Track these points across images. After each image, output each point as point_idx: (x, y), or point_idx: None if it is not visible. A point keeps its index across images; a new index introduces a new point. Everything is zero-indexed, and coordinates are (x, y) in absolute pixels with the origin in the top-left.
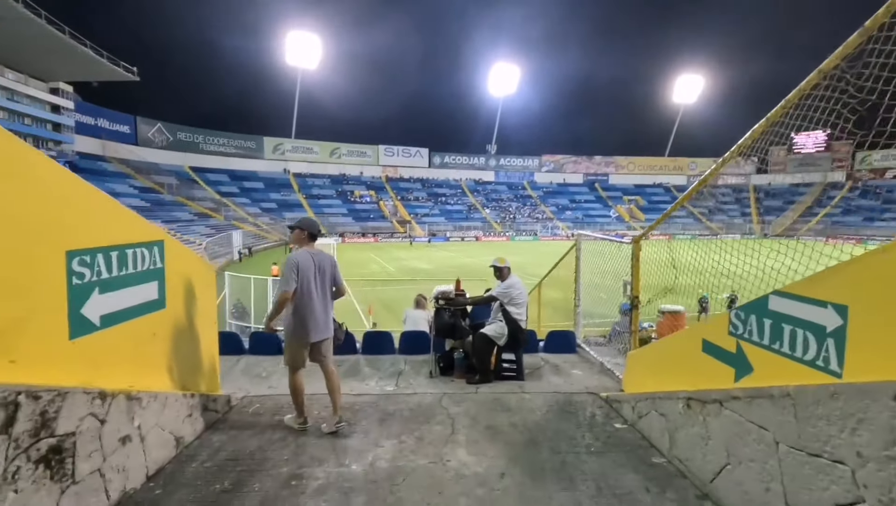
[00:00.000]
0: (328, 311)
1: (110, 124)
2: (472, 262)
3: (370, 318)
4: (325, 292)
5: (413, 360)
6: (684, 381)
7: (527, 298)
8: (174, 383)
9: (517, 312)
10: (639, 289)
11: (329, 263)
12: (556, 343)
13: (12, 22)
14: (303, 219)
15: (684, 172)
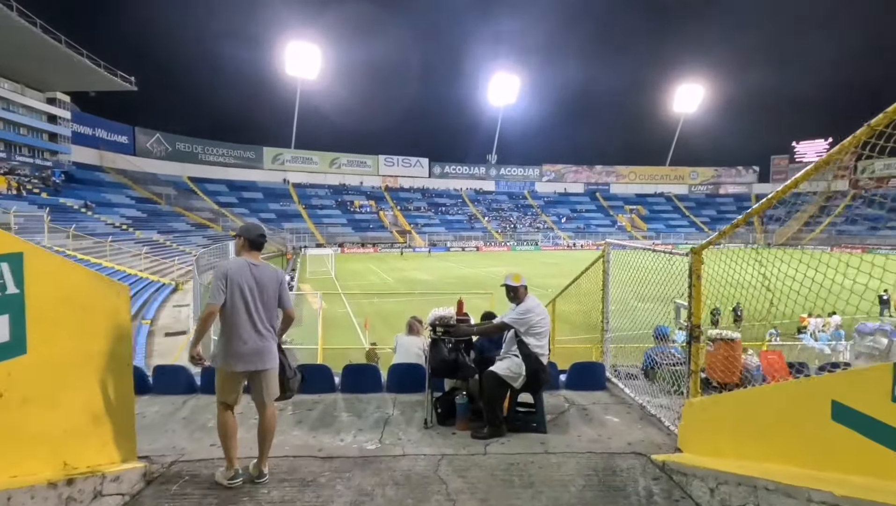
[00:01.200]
0: (267, 338)
1: (108, 134)
2: (474, 272)
3: (366, 333)
4: (264, 315)
5: (404, 401)
6: (802, 459)
7: (549, 325)
8: (39, 466)
9: (537, 345)
10: (700, 315)
11: (273, 280)
12: (582, 377)
13: (7, 31)
14: (243, 224)
15: (685, 181)
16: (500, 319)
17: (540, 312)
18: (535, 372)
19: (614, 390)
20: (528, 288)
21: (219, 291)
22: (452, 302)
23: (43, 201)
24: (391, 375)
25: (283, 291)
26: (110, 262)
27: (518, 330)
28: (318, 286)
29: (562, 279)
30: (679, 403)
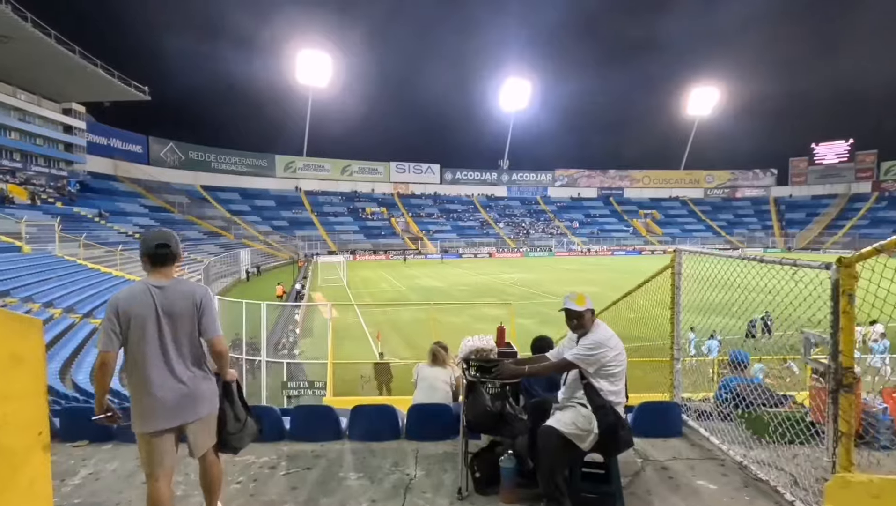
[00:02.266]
0: (193, 380)
1: (123, 144)
2: (487, 279)
3: (378, 344)
4: (183, 350)
5: (430, 454)
6: None
7: (626, 362)
8: None
9: (612, 391)
10: (851, 352)
11: (187, 302)
12: (652, 420)
13: (22, 42)
14: (143, 235)
15: (701, 184)
16: (562, 356)
17: (615, 345)
18: (612, 429)
19: (694, 438)
20: (595, 313)
21: (109, 334)
22: (473, 315)
23: (57, 211)
24: (412, 418)
25: (205, 314)
26: (120, 271)
27: (585, 371)
28: (331, 294)
29: (579, 286)
30: (790, 456)
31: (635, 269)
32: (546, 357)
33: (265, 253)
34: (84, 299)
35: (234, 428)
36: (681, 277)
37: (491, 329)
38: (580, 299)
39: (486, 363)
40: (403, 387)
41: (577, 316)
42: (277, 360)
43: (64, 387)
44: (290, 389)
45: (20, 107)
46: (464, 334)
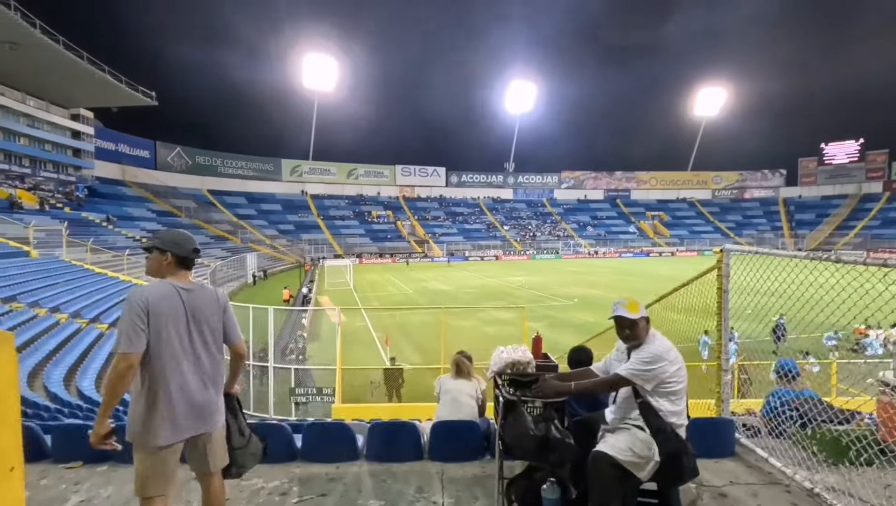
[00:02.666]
0: (213, 387)
1: (130, 149)
2: (495, 282)
3: (387, 349)
4: (207, 359)
5: (456, 477)
6: None
7: (686, 377)
8: None
9: (672, 411)
10: None
11: (215, 306)
12: (700, 438)
13: (31, 48)
14: (164, 233)
15: (708, 186)
16: (612, 370)
17: (674, 358)
18: (675, 456)
19: (749, 459)
20: (650, 321)
21: (137, 332)
22: (482, 319)
23: (65, 216)
24: (435, 436)
25: (229, 320)
26: (127, 275)
27: (641, 388)
28: (337, 298)
29: (585, 288)
30: (869, 482)
31: (644, 271)
32: (591, 372)
33: (272, 257)
34: (90, 304)
35: (238, 442)
36: (728, 280)
37: (502, 333)
38: (633, 306)
39: (522, 378)
40: (414, 393)
41: (629, 325)
42: (285, 365)
43: (68, 395)
44: (298, 395)
45: (29, 113)
46: (474, 338)
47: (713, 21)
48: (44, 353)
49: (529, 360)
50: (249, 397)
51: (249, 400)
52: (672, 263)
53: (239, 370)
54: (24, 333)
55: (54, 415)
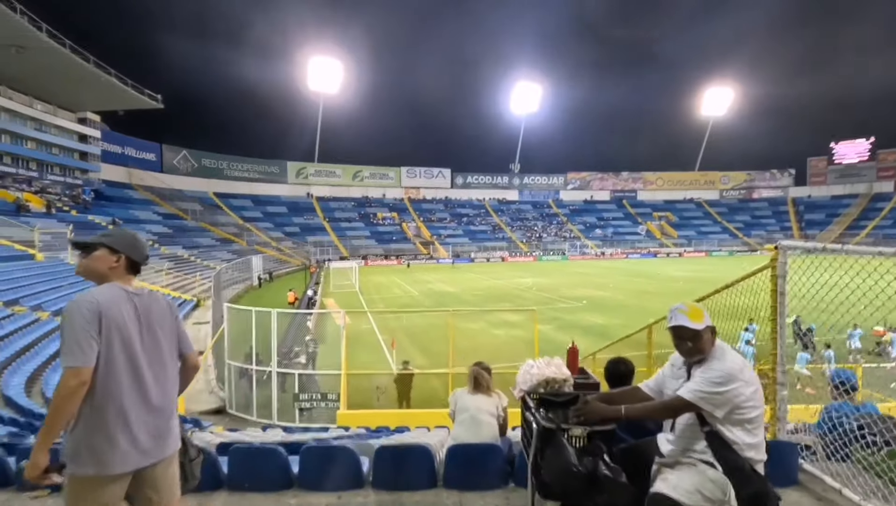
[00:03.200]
0: (171, 405)
1: (137, 152)
2: (501, 284)
3: (393, 352)
4: (163, 368)
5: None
6: None
7: (763, 401)
8: None
9: (750, 443)
10: None
11: (167, 313)
12: None
13: (37, 52)
14: (116, 232)
15: (716, 186)
16: (671, 391)
17: (749, 378)
18: (757, 501)
19: (817, 488)
20: (716, 331)
21: (89, 342)
22: (491, 321)
23: (72, 219)
24: (452, 460)
25: (182, 330)
26: None
27: (709, 415)
28: (343, 300)
29: (594, 290)
30: None
31: (653, 272)
32: (640, 392)
33: (277, 259)
34: None
35: (193, 453)
36: (785, 282)
37: (511, 336)
38: (696, 313)
39: (554, 397)
40: (421, 397)
41: (692, 337)
42: (288, 371)
43: None
44: (302, 401)
45: (36, 116)
46: (481, 341)
47: (721, 20)
48: (44, 357)
49: (566, 377)
50: (253, 403)
51: (253, 406)
52: (680, 264)
53: (188, 384)
54: (25, 336)
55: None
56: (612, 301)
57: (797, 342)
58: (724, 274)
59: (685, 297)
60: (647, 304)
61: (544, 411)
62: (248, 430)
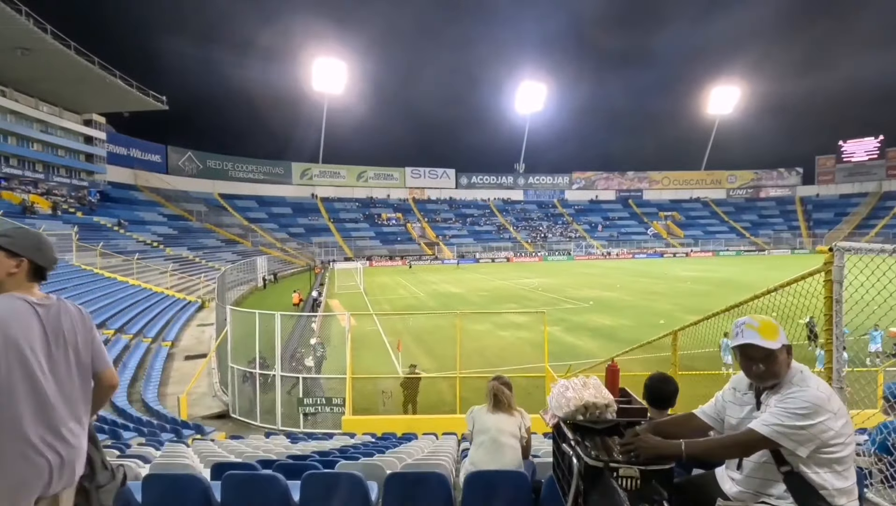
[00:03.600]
0: (75, 429)
1: (142, 154)
2: (506, 284)
3: (399, 355)
4: (73, 389)
5: None
6: None
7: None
8: None
9: (841, 487)
10: None
11: (80, 326)
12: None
13: (43, 54)
14: (16, 232)
15: (723, 185)
16: (729, 418)
17: (838, 407)
18: None
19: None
20: (791, 351)
21: None
22: (497, 322)
23: (77, 220)
24: (470, 489)
25: (97, 341)
26: (137, 280)
27: (789, 453)
28: (348, 302)
29: (600, 291)
30: None
31: (660, 273)
32: (696, 420)
33: (282, 260)
34: (98, 310)
35: (104, 478)
36: (842, 288)
37: (518, 337)
38: (769, 329)
39: (593, 425)
40: (427, 401)
41: (764, 357)
42: (292, 374)
43: None
44: (307, 405)
45: (42, 119)
46: (487, 343)
47: (727, 18)
48: None
49: (608, 401)
50: (256, 408)
51: (256, 411)
52: (687, 264)
53: (103, 404)
54: None
55: None
56: (620, 302)
57: (811, 344)
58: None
59: (694, 298)
60: (655, 304)
61: (587, 444)
62: (251, 437)
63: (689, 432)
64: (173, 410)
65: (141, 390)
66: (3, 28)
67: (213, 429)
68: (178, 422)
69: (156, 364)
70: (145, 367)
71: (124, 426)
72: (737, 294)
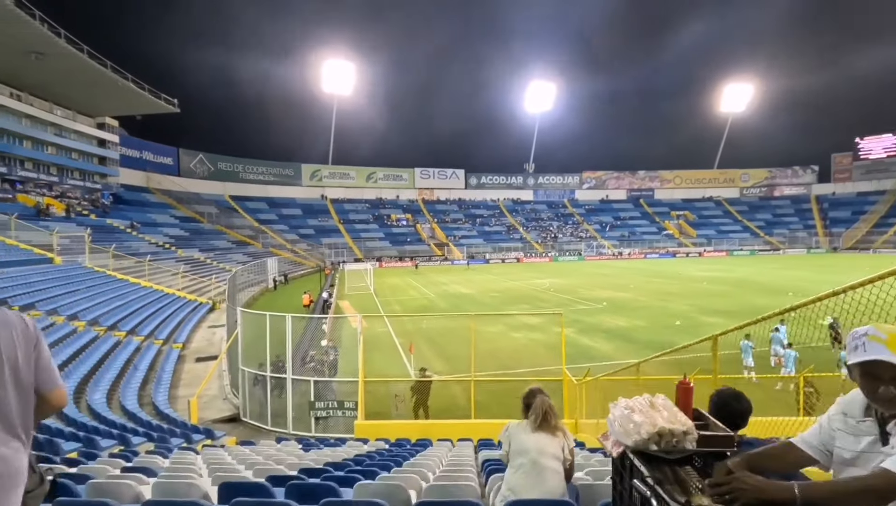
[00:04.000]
0: (14, 452)
1: (154, 156)
2: (517, 285)
3: (411, 357)
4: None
5: None
6: None
7: None
8: None
9: None
10: None
11: (21, 339)
12: None
13: (56, 58)
14: None
15: (736, 183)
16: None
17: None
18: None
19: None
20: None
21: None
22: (509, 324)
23: (91, 223)
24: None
25: (43, 356)
26: (148, 281)
27: None
28: (358, 303)
29: (613, 291)
30: None
31: (673, 273)
32: (794, 450)
33: (292, 261)
34: (109, 311)
35: (32, 484)
36: None
37: (531, 339)
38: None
39: (666, 454)
40: (439, 405)
41: (870, 371)
42: (304, 377)
43: (78, 411)
44: (318, 409)
45: (56, 122)
46: (500, 344)
47: (740, 13)
48: (56, 364)
49: (687, 428)
50: (267, 411)
51: (267, 414)
52: (701, 264)
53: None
54: None
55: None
56: (634, 302)
57: (834, 346)
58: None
59: (710, 298)
60: (670, 305)
61: (666, 485)
62: (262, 443)
63: (786, 467)
64: (184, 413)
65: (152, 392)
66: (18, 32)
67: (224, 433)
68: (188, 426)
69: (167, 366)
70: (156, 369)
71: (133, 431)
72: (756, 295)
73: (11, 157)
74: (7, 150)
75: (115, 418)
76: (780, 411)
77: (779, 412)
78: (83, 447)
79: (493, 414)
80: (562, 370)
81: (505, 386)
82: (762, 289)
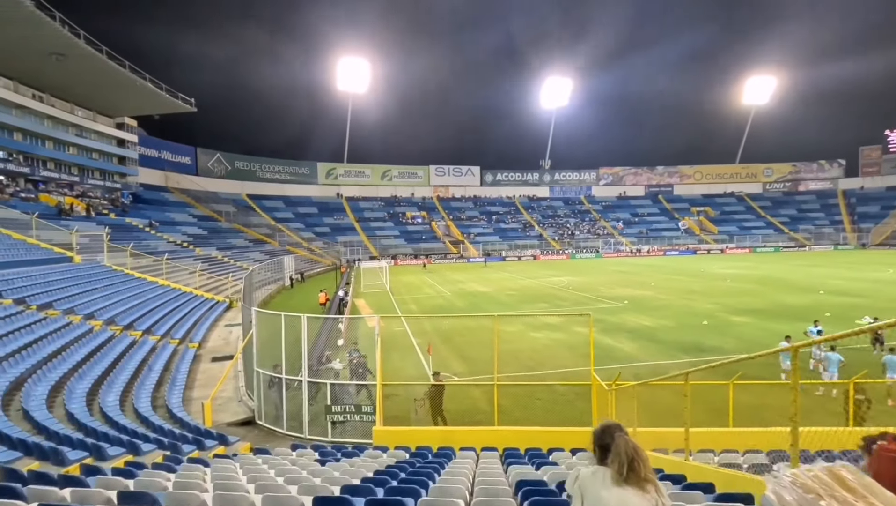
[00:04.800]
0: None
1: (172, 156)
2: (535, 283)
3: (430, 358)
4: None
5: None
6: None
7: None
8: None
9: None
10: None
11: None
12: None
13: (76, 59)
14: None
15: (759, 178)
16: None
17: None
18: None
19: None
20: None
21: None
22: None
23: (110, 222)
24: None
25: None
26: (166, 280)
27: None
28: (374, 301)
29: (634, 289)
30: None
31: (695, 270)
32: None
33: (308, 259)
34: (126, 310)
35: None
36: None
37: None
38: None
39: None
40: (458, 408)
41: None
42: (320, 380)
43: (90, 416)
44: (335, 413)
45: (77, 123)
46: (520, 345)
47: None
48: (70, 364)
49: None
50: (283, 414)
51: (283, 417)
52: (724, 261)
53: None
54: (54, 341)
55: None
56: (656, 301)
57: (876, 348)
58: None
59: (737, 297)
60: (694, 304)
61: None
62: (277, 451)
63: None
64: (198, 415)
65: (166, 394)
66: (39, 34)
67: (238, 439)
68: (201, 431)
69: (182, 366)
70: (171, 369)
71: (144, 437)
72: (785, 293)
73: (34, 157)
74: (30, 150)
75: (127, 423)
76: (825, 420)
77: (824, 421)
78: (89, 456)
79: (516, 420)
80: (590, 373)
81: (527, 390)
82: (790, 287)
